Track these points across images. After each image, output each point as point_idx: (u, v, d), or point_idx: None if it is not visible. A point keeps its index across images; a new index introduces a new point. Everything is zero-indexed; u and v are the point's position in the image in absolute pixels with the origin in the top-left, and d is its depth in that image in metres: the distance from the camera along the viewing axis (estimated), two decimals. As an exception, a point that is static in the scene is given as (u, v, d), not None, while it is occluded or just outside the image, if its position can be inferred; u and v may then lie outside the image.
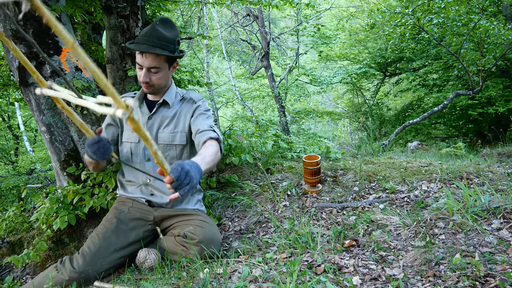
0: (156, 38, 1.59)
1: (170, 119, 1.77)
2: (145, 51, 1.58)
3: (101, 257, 1.60)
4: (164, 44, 1.60)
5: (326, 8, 10.24)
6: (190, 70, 3.09)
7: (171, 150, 1.77)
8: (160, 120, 1.77)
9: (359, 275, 1.30)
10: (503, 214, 1.55)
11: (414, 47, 7.83)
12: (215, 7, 9.49)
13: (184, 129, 1.77)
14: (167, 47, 1.61)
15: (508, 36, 5.27)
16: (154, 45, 1.59)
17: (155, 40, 1.59)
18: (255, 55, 10.67)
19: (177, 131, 1.76)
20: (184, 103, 1.81)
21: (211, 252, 1.61)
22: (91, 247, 1.61)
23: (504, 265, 1.21)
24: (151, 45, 1.58)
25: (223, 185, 2.45)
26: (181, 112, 1.78)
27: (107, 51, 2.62)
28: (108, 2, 2.47)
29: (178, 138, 1.76)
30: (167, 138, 1.76)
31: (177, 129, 1.76)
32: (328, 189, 2.22)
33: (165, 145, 1.76)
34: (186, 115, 1.77)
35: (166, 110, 1.78)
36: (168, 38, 1.61)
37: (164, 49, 1.60)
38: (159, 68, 1.65)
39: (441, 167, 2.30)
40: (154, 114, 1.78)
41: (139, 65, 1.65)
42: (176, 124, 1.77)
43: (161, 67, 1.66)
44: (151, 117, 1.77)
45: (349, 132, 18.49)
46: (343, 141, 8.98)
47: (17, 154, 9.46)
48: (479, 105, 7.43)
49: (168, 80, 1.77)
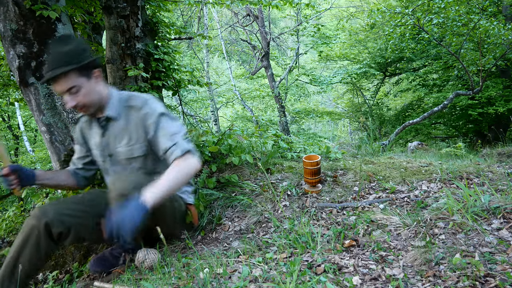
0: (56, 59, 1.48)
1: (122, 132, 1.65)
2: (53, 77, 1.46)
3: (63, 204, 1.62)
4: (66, 60, 1.47)
5: (326, 8, 10.25)
6: (190, 70, 3.09)
7: (134, 162, 1.68)
8: (113, 136, 1.66)
9: (359, 275, 1.30)
10: (503, 214, 1.55)
11: (414, 47, 7.83)
12: (215, 7, 9.50)
13: (140, 140, 1.64)
14: (71, 61, 1.47)
15: (508, 36, 5.27)
16: (57, 66, 1.46)
17: (56, 62, 1.47)
18: (255, 55, 10.68)
19: (133, 144, 1.64)
20: (131, 112, 1.65)
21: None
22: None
23: (504, 265, 1.21)
24: (55, 68, 1.46)
25: (223, 185, 2.45)
26: (130, 122, 1.64)
27: (107, 51, 2.62)
28: (108, 2, 2.47)
29: (136, 151, 1.65)
30: (126, 152, 1.65)
31: (132, 141, 1.64)
32: (328, 189, 2.22)
33: (126, 159, 1.67)
34: (138, 127, 1.63)
35: (114, 124, 1.65)
36: (67, 52, 1.49)
37: (68, 64, 1.47)
38: (77, 85, 1.50)
39: (441, 167, 2.30)
40: (105, 132, 1.67)
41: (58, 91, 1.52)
42: (129, 136, 1.64)
43: (78, 83, 1.51)
44: (104, 135, 1.67)
45: (349, 132, 18.50)
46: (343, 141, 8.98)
47: (17, 154, 9.46)
48: (479, 105, 7.43)
49: (99, 93, 1.60)
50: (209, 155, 2.61)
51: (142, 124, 1.61)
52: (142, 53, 2.67)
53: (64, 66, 1.46)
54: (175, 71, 2.90)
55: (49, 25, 2.04)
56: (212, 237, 2.05)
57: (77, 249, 2.14)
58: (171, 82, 2.89)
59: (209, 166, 2.57)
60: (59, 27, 2.07)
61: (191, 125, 5.87)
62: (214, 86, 12.39)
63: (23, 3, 1.93)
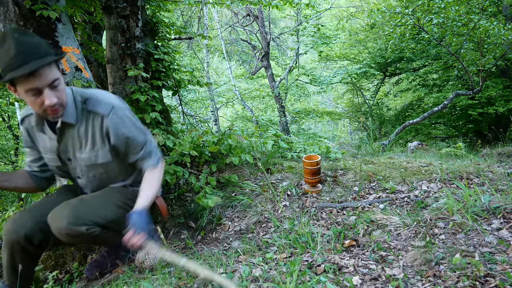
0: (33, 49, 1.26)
1: (84, 137, 1.49)
2: (36, 69, 1.22)
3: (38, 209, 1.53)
4: (44, 50, 1.28)
5: (326, 8, 10.24)
6: (190, 70, 3.09)
7: (97, 169, 1.56)
8: (72, 141, 1.50)
9: (359, 275, 1.30)
10: (503, 214, 1.55)
11: (414, 47, 7.83)
12: (215, 7, 9.50)
13: (104, 147, 1.51)
14: (49, 51, 1.30)
15: (508, 36, 5.27)
16: (38, 57, 1.25)
17: (31, 52, 1.24)
18: (255, 55, 10.68)
19: (97, 149, 1.51)
20: (91, 118, 1.47)
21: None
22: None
23: (504, 265, 1.21)
24: (35, 58, 1.24)
25: (223, 185, 2.45)
26: (91, 129, 1.48)
27: (107, 51, 2.62)
28: (108, 2, 2.47)
29: (101, 157, 1.53)
30: (89, 158, 1.52)
31: (96, 147, 1.50)
32: (328, 189, 2.22)
33: (88, 166, 1.54)
34: (102, 134, 1.49)
35: (73, 130, 1.47)
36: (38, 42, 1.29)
37: (48, 55, 1.28)
38: (58, 78, 1.32)
39: (441, 167, 2.30)
40: (62, 137, 1.48)
41: (33, 92, 1.27)
42: (92, 142, 1.50)
43: (59, 76, 1.33)
44: (60, 140, 1.49)
45: (349, 132, 18.49)
46: (343, 141, 8.98)
47: (17, 154, 9.46)
48: (479, 105, 7.43)
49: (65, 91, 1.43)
50: (209, 155, 2.61)
51: (105, 135, 1.49)
52: (142, 53, 2.67)
53: (44, 57, 1.26)
54: (175, 71, 2.90)
55: (49, 25, 2.03)
56: (212, 237, 2.05)
57: (77, 249, 2.14)
58: (171, 82, 2.89)
59: (209, 166, 2.57)
60: (59, 27, 2.07)
61: (191, 125, 5.87)
62: (214, 86, 12.39)
63: (23, 3, 1.93)
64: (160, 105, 2.71)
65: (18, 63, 1.22)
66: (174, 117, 6.91)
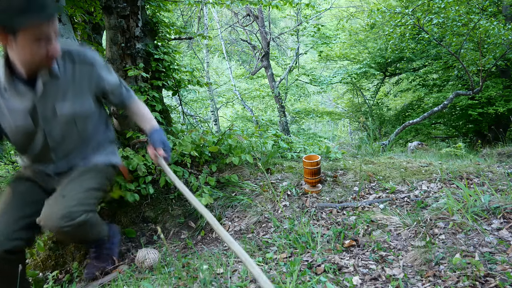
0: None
1: (68, 88, 1.42)
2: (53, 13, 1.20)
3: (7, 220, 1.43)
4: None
5: (326, 8, 10.24)
6: (190, 70, 3.09)
7: (78, 123, 1.48)
8: (55, 94, 1.40)
9: (359, 275, 1.30)
10: (503, 214, 1.55)
11: (414, 47, 7.83)
12: (215, 7, 9.50)
13: (89, 97, 1.48)
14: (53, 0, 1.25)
15: (508, 36, 5.27)
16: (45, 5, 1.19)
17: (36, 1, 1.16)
18: (255, 55, 10.68)
19: (82, 99, 1.46)
20: (78, 65, 1.43)
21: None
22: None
23: (504, 265, 1.21)
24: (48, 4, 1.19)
25: (223, 185, 2.45)
26: (78, 79, 1.43)
27: (107, 51, 2.62)
28: (108, 2, 2.47)
29: (86, 106, 1.48)
30: (72, 109, 1.44)
31: (80, 96, 1.45)
32: (328, 189, 2.22)
33: (68, 121, 1.45)
34: (91, 80, 1.47)
35: (56, 81, 1.39)
36: None
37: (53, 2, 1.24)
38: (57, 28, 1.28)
39: (441, 167, 2.30)
40: (45, 88, 1.37)
41: (46, 39, 1.22)
42: (77, 92, 1.44)
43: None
44: (43, 94, 1.37)
45: (349, 132, 18.49)
46: (343, 141, 8.98)
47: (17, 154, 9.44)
48: (479, 105, 7.43)
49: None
50: (209, 155, 2.61)
51: (95, 78, 1.47)
52: (142, 53, 2.67)
53: (50, 4, 1.20)
54: (175, 71, 2.90)
55: (49, 25, 2.03)
56: (212, 237, 2.05)
57: (77, 249, 2.14)
58: (171, 82, 2.89)
59: (209, 166, 2.57)
60: (59, 27, 2.07)
61: (191, 125, 5.87)
62: (214, 86, 12.38)
63: (23, 3, 1.93)
64: (160, 105, 2.71)
65: (36, 7, 1.16)
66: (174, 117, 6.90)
